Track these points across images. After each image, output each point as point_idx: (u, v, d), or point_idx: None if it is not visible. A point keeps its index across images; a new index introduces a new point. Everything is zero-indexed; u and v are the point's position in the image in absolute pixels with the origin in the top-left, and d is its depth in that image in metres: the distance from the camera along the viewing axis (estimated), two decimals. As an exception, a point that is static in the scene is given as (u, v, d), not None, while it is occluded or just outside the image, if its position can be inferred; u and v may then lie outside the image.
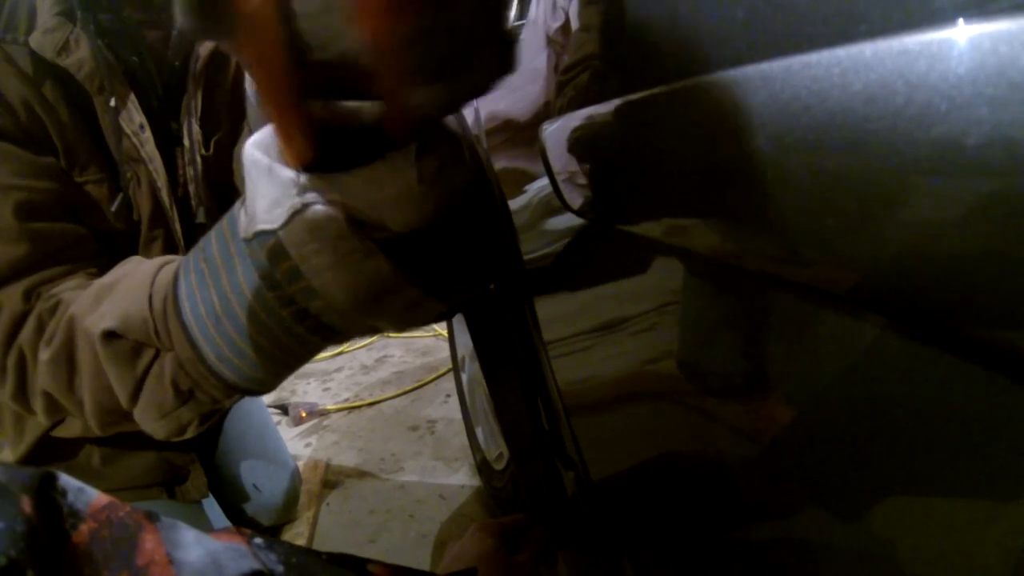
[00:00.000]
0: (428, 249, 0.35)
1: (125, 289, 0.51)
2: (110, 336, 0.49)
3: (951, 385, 0.21)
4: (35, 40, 0.71)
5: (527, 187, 0.63)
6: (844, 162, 0.21)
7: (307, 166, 0.32)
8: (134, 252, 0.84)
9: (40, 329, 0.59)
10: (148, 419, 0.52)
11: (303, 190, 0.32)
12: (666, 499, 0.46)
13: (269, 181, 0.33)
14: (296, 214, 0.32)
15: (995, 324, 0.18)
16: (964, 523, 0.22)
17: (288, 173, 0.32)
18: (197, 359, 0.44)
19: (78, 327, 0.55)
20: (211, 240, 0.40)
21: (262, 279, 0.36)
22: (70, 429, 0.85)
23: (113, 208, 0.80)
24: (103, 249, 0.77)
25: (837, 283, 0.24)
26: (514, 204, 0.69)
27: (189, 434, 0.53)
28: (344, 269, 0.33)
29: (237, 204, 0.38)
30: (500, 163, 0.75)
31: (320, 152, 0.31)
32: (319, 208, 0.32)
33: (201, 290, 0.40)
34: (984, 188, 0.18)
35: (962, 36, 0.18)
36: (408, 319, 0.37)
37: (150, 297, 0.48)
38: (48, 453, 0.90)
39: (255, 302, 0.37)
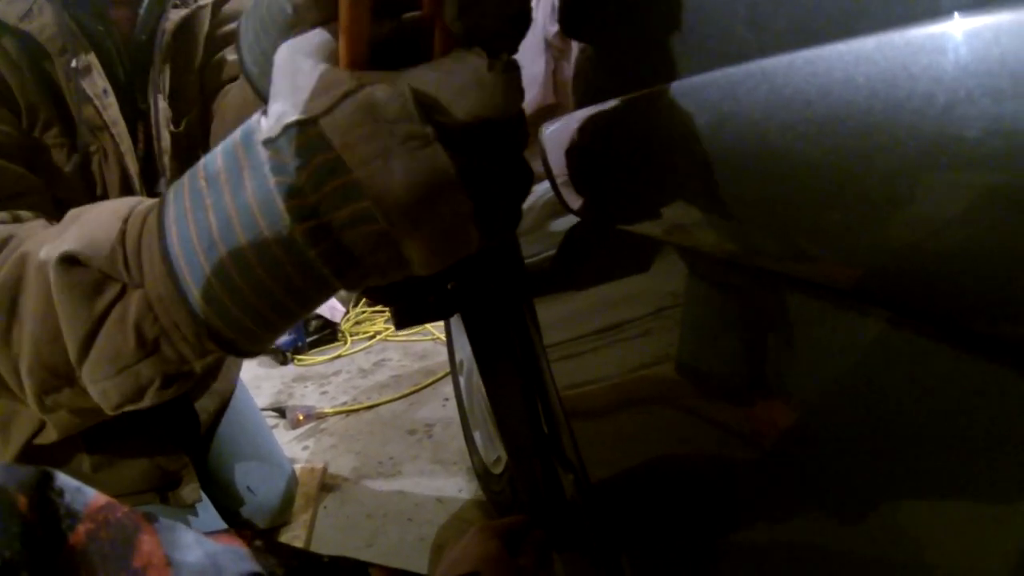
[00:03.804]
0: (485, 160, 0.32)
1: (93, 218, 0.44)
2: (70, 262, 0.42)
3: (960, 381, 0.21)
4: (0, 7, 0.74)
5: (540, 186, 0.63)
6: (848, 156, 0.21)
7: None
8: None
9: None
10: (100, 375, 0.43)
11: (358, 79, 0.31)
12: (666, 502, 0.46)
13: (314, 73, 0.31)
14: (348, 96, 0.31)
15: (1000, 318, 0.18)
16: (972, 522, 0.21)
17: (328, 67, 0.31)
18: (174, 296, 0.38)
19: (29, 264, 0.46)
20: (215, 156, 0.36)
21: (280, 187, 0.32)
22: (48, 435, 0.85)
23: (68, 169, 0.79)
24: (59, 209, 0.72)
25: (842, 279, 0.23)
26: (525, 205, 0.69)
27: (146, 402, 0.44)
28: (400, 156, 0.30)
29: (255, 115, 0.35)
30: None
31: (385, 56, 0.31)
32: (377, 89, 0.30)
33: (195, 212, 0.36)
34: (987, 180, 0.18)
35: (963, 28, 0.18)
36: (447, 240, 0.34)
37: (124, 224, 0.41)
38: (36, 460, 0.89)
39: (263, 219, 0.33)
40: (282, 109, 0.32)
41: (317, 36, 0.33)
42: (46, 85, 0.79)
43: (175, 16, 0.87)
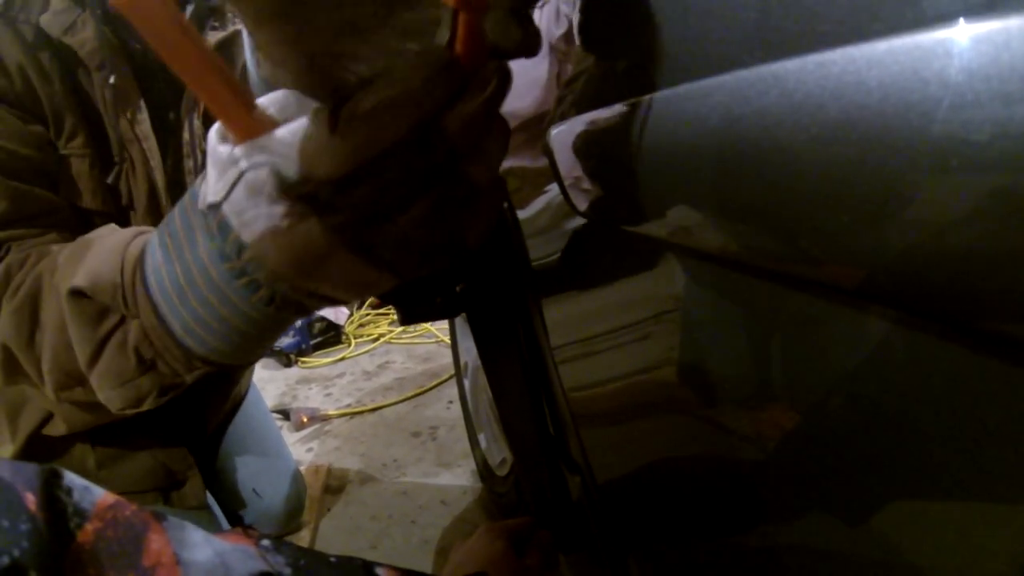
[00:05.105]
0: (367, 211, 0.34)
1: (98, 252, 0.51)
2: (77, 295, 0.50)
3: (965, 382, 0.21)
4: (45, 19, 0.78)
5: (547, 188, 0.63)
6: (858, 159, 0.21)
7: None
8: None
9: (7, 280, 0.61)
10: (105, 385, 0.52)
11: (239, 161, 0.34)
12: (673, 504, 0.46)
13: (215, 157, 0.35)
14: (235, 183, 0.34)
15: (1007, 317, 0.18)
16: (977, 522, 0.21)
17: (227, 148, 0.34)
18: (160, 328, 0.44)
19: (46, 282, 0.56)
20: (175, 214, 0.41)
21: (213, 252, 0.37)
22: (57, 427, 0.86)
23: (108, 180, 0.84)
24: (79, 223, 0.79)
25: (850, 280, 0.23)
26: (533, 207, 0.69)
27: (145, 406, 0.53)
28: (279, 232, 0.34)
29: (200, 177, 0.39)
30: (520, 162, 0.75)
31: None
32: (252, 173, 0.33)
33: (166, 264, 0.41)
34: (995, 183, 0.18)
35: (974, 33, 0.18)
36: (353, 287, 0.37)
37: (122, 264, 0.48)
38: (41, 455, 0.90)
39: (214, 273, 0.37)
40: (205, 189, 0.36)
41: None
42: (76, 96, 0.81)
43: (212, 37, 0.89)
